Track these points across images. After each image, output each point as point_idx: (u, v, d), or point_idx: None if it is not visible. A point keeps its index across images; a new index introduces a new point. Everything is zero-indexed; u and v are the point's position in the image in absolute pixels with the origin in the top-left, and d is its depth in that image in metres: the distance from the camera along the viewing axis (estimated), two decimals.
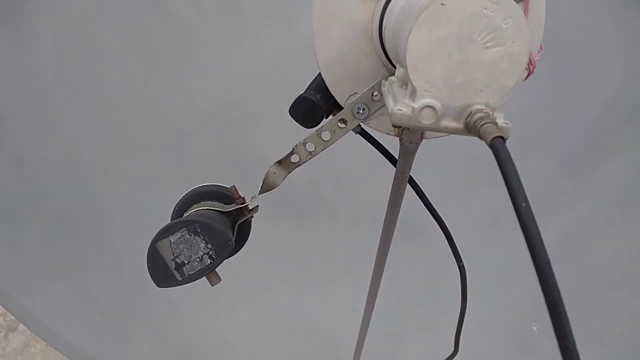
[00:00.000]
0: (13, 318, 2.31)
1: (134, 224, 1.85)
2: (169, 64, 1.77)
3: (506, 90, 0.45)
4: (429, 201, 0.79)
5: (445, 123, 0.46)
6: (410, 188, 0.81)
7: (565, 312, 0.36)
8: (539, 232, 0.37)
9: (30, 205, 1.77)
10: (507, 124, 0.45)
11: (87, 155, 1.80)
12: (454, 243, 0.86)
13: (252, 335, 1.92)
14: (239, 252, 0.70)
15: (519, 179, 0.38)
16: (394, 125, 0.48)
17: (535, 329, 1.94)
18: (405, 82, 0.49)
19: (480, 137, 0.43)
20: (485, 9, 0.43)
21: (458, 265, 0.91)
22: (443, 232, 0.82)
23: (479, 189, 1.80)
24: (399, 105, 0.47)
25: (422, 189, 0.81)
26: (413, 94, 0.46)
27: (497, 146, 0.40)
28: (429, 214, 0.84)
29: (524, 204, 0.36)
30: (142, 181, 1.83)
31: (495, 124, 0.43)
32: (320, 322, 1.97)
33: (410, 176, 0.79)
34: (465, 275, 0.95)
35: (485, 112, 0.44)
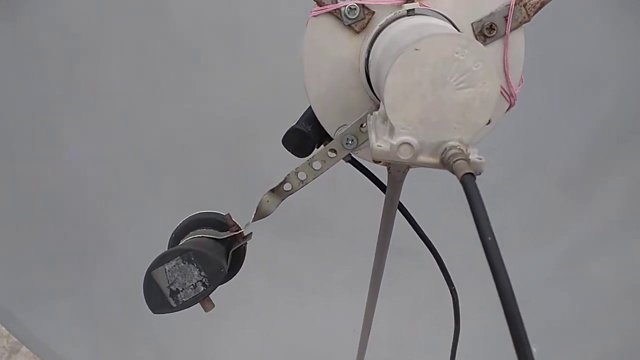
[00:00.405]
0: (16, 340, 2.33)
1: (137, 246, 1.88)
2: (172, 85, 1.82)
3: (478, 128, 0.48)
4: (419, 226, 0.82)
5: (422, 158, 0.49)
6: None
7: (527, 341, 0.38)
8: (503, 265, 0.39)
9: (33, 228, 1.81)
10: (480, 159, 0.47)
11: (90, 178, 1.84)
12: (445, 267, 0.88)
13: (253, 356, 1.93)
14: (233, 277, 0.73)
15: (486, 213, 0.40)
16: (374, 161, 0.51)
17: (534, 350, 1.94)
18: (385, 119, 0.52)
19: (452, 172, 0.45)
20: (457, 53, 0.46)
21: (450, 289, 0.93)
22: (434, 256, 0.84)
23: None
24: (379, 142, 0.50)
25: (411, 214, 0.84)
26: (392, 131, 0.49)
27: (467, 182, 0.43)
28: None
29: (489, 239, 0.39)
30: (144, 202, 1.87)
31: (468, 160, 0.46)
32: (320, 343, 1.98)
33: (400, 202, 0.81)
34: (457, 298, 0.97)
35: (459, 149, 0.47)
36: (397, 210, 0.82)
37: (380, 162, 0.68)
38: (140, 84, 1.79)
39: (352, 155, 0.74)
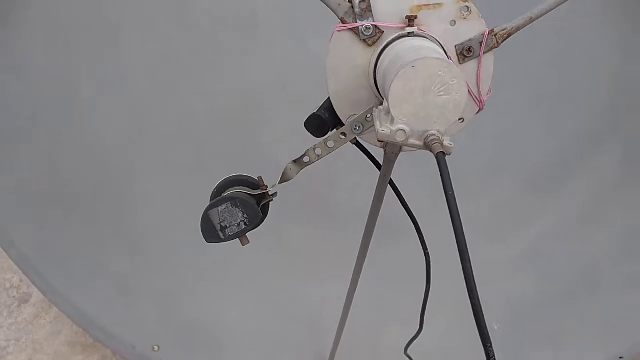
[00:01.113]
0: (26, 291, 2.53)
1: (151, 212, 2.08)
2: (192, 71, 2.01)
3: (451, 123, 0.70)
4: (403, 197, 1.04)
5: (412, 141, 0.71)
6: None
7: (473, 278, 0.59)
8: (459, 214, 0.61)
9: (59, 192, 1.99)
10: (451, 144, 0.70)
11: (111, 149, 2.02)
12: (421, 233, 1.10)
13: (250, 314, 2.15)
14: (260, 225, 0.94)
15: (449, 178, 0.62)
16: (378, 140, 0.73)
17: (496, 327, 2.19)
18: (387, 112, 0.74)
19: (431, 151, 0.68)
20: (440, 71, 0.68)
21: (424, 252, 1.15)
22: (412, 222, 1.07)
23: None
24: (383, 127, 0.72)
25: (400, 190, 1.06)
26: (392, 121, 0.71)
27: (439, 158, 0.65)
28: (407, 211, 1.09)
29: (450, 192, 0.61)
30: (161, 174, 2.06)
31: (442, 144, 0.68)
32: (310, 307, 2.20)
33: (391, 179, 1.03)
34: (429, 261, 1.19)
35: (437, 136, 0.69)
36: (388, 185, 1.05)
37: (381, 143, 0.90)
38: (161, 66, 1.97)
39: (357, 139, 0.95)
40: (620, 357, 1.97)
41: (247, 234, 0.85)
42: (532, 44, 1.85)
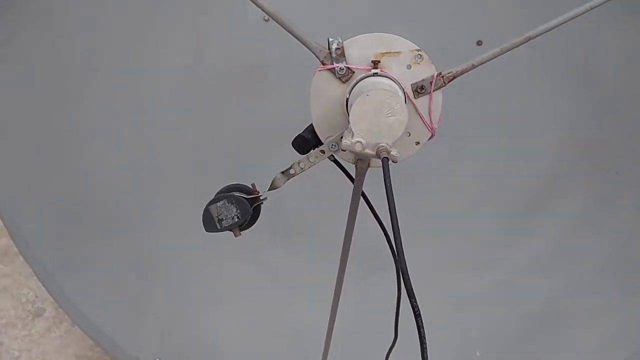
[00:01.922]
0: (40, 305, 2.72)
1: (164, 235, 2.30)
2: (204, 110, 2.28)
3: (396, 137, 0.93)
4: (373, 207, 1.25)
5: (367, 151, 0.93)
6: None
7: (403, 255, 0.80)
8: (394, 207, 0.82)
9: (82, 211, 2.21)
10: (396, 154, 0.92)
11: (130, 177, 2.26)
12: (390, 241, 1.30)
13: (244, 333, 2.31)
14: (252, 226, 1.15)
15: (390, 180, 0.84)
16: (342, 150, 0.95)
17: (478, 354, 2.33)
18: (351, 130, 0.97)
19: (379, 158, 0.90)
20: (387, 98, 0.91)
21: (394, 259, 1.35)
22: (381, 229, 1.27)
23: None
24: (346, 139, 0.94)
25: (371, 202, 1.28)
26: (352, 135, 0.93)
27: (384, 162, 0.87)
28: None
29: (389, 188, 0.82)
30: (172, 201, 2.30)
31: (389, 152, 0.91)
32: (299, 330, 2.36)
33: (363, 192, 1.25)
34: (399, 269, 1.38)
35: (385, 147, 0.91)
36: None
37: (352, 160, 1.13)
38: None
39: (334, 156, 1.18)
40: None
41: (240, 232, 1.07)
42: (504, 92, 2.11)
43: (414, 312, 0.82)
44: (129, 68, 2.19)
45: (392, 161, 0.90)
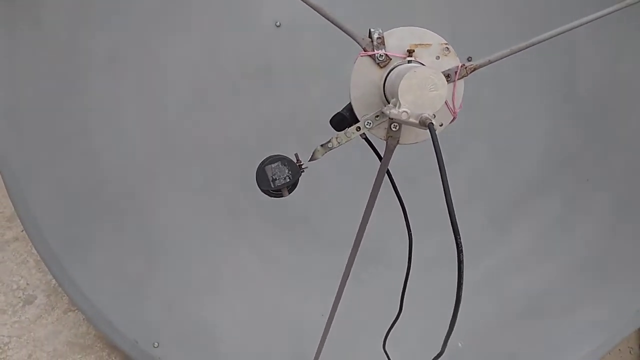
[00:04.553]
0: (31, 293, 2.72)
1: (168, 224, 2.38)
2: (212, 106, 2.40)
3: (436, 109, 1.09)
4: (395, 184, 1.40)
5: (412, 120, 1.09)
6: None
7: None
8: (444, 168, 0.98)
9: (86, 195, 2.28)
10: (441, 125, 1.08)
11: (140, 166, 2.35)
12: (407, 216, 1.46)
13: (240, 320, 2.40)
14: (294, 190, 1.28)
15: (438, 143, 1.00)
16: (391, 122, 1.11)
17: (460, 345, 2.48)
18: (395, 104, 1.13)
19: (424, 125, 1.06)
20: (431, 75, 1.08)
21: (408, 233, 1.50)
22: (401, 206, 1.42)
23: None
24: (394, 110, 1.10)
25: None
26: (399, 106, 1.09)
27: (430, 127, 1.03)
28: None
29: (439, 153, 0.98)
30: (177, 191, 2.39)
31: (431, 120, 1.07)
32: (295, 320, 2.46)
33: (388, 169, 1.40)
34: (411, 243, 1.53)
35: (427, 117, 1.08)
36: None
37: (384, 136, 1.28)
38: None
39: (366, 134, 1.33)
40: None
41: (289, 193, 1.21)
42: (494, 106, 2.34)
43: (457, 247, 0.96)
44: (144, 61, 2.30)
45: (434, 125, 1.05)
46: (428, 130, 1.05)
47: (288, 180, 1.18)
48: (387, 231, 2.14)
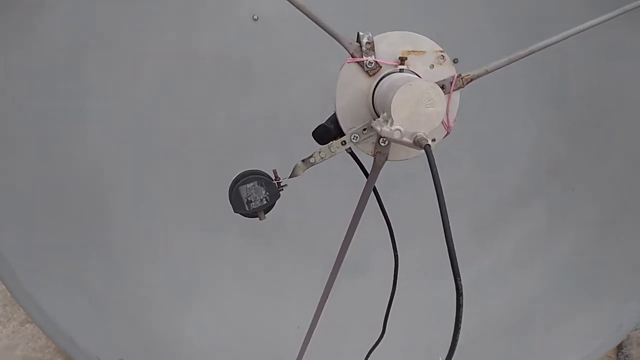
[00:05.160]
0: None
1: (130, 230, 2.21)
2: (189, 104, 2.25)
3: (433, 127, 0.97)
4: (382, 202, 1.29)
5: (405, 139, 0.97)
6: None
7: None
8: (441, 189, 0.87)
9: (47, 201, 2.09)
10: (434, 140, 0.96)
11: (101, 170, 2.17)
12: (393, 235, 1.34)
13: (212, 334, 2.26)
14: (270, 210, 1.15)
15: (435, 166, 0.88)
16: (380, 136, 0.98)
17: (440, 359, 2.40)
18: (386, 120, 1.00)
19: (419, 146, 0.94)
20: (428, 90, 0.95)
21: (394, 254, 1.39)
22: (387, 224, 1.31)
23: None
24: (385, 128, 0.98)
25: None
26: (392, 123, 0.97)
27: (427, 149, 0.91)
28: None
29: (436, 174, 0.86)
30: (142, 196, 2.22)
31: (427, 141, 0.95)
32: (269, 333, 2.34)
33: (375, 186, 1.28)
34: (397, 263, 1.43)
35: (422, 137, 0.96)
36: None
37: (372, 152, 1.16)
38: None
39: (352, 149, 1.21)
40: None
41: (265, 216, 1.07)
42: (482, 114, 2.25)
43: (457, 291, 0.85)
44: (112, 59, 2.13)
45: (430, 147, 0.94)
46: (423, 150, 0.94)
47: (265, 202, 1.05)
48: (368, 242, 2.03)
